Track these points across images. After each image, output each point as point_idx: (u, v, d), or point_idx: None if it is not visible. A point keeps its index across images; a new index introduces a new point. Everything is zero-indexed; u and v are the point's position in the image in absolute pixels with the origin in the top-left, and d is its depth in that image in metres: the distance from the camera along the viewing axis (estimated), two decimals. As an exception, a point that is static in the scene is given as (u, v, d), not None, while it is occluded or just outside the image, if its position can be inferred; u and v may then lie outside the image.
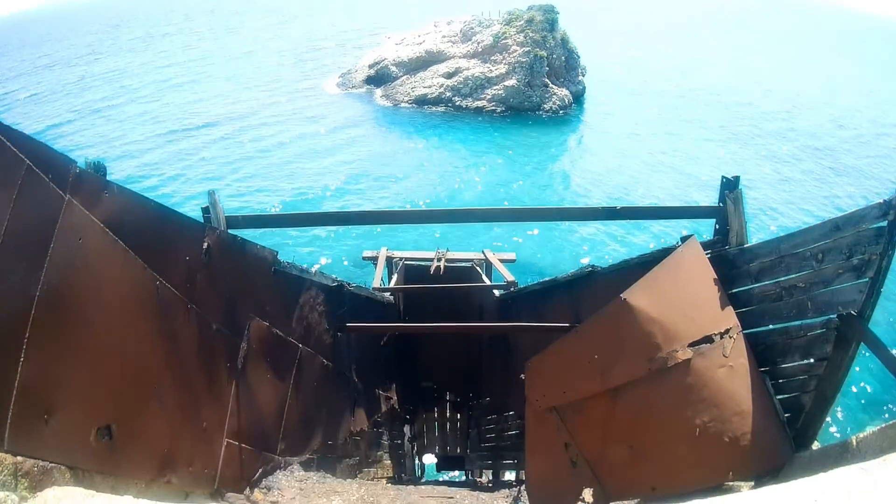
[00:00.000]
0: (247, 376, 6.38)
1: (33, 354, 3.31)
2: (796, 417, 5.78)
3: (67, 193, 3.64)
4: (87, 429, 3.78)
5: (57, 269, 3.51)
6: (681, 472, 5.70)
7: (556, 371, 6.70)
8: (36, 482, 3.23)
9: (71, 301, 3.66)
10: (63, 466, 3.49)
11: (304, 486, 7.23)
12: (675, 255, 6.14)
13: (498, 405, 13.75)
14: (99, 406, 3.93)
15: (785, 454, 5.63)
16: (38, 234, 3.43)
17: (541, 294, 10.78)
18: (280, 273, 7.21)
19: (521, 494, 8.32)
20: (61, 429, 3.52)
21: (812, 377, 5.66)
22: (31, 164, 3.34)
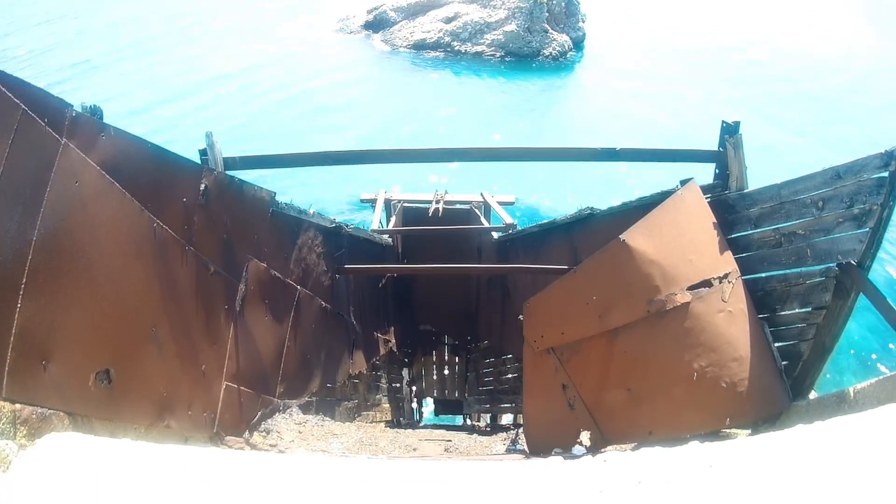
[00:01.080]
0: (245, 318, 6.37)
1: (31, 300, 3.28)
2: (794, 366, 5.76)
3: (63, 137, 3.59)
4: (85, 374, 3.77)
5: (54, 212, 3.47)
6: (678, 416, 5.70)
7: (553, 312, 6.69)
8: (34, 429, 3.22)
9: (68, 245, 3.64)
10: (62, 413, 3.48)
11: (303, 430, 7.27)
12: (674, 198, 6.09)
13: (496, 349, 13.80)
14: (97, 351, 3.92)
15: (782, 402, 5.62)
16: (35, 178, 3.38)
17: (539, 236, 10.76)
18: (278, 214, 7.17)
19: (518, 437, 8.38)
20: (60, 375, 3.52)
21: (811, 325, 5.63)
22: (27, 109, 3.29)
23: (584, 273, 6.38)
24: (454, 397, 16.16)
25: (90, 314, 3.84)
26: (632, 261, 5.80)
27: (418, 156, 8.21)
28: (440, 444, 8.59)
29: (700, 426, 5.60)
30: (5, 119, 3.17)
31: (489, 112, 40.04)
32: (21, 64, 45.53)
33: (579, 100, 43.84)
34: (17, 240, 3.23)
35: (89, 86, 41.12)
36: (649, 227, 5.88)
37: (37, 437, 3.20)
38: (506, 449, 7.72)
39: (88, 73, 45.06)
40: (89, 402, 3.80)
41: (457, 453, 7.71)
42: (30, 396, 3.26)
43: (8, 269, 3.17)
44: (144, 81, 43.24)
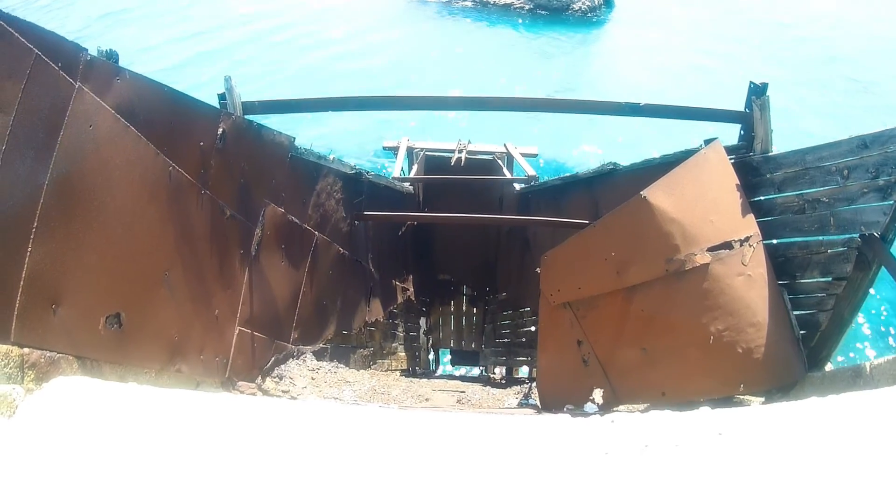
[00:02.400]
0: (260, 263, 6.36)
1: (41, 243, 3.27)
2: (811, 335, 5.69)
3: (78, 81, 3.53)
4: (95, 317, 3.77)
5: (67, 156, 3.44)
6: (692, 379, 5.66)
7: (571, 266, 6.59)
8: (42, 373, 3.22)
9: (81, 188, 3.60)
10: (71, 356, 3.49)
11: (316, 376, 7.29)
12: (698, 157, 5.96)
13: (514, 301, 13.76)
14: (108, 294, 3.92)
15: (798, 372, 5.56)
16: (48, 122, 3.34)
17: (561, 189, 10.64)
18: (297, 159, 7.11)
19: (531, 391, 8.37)
20: (69, 318, 3.51)
21: (830, 296, 5.53)
22: (40, 54, 3.24)
23: (604, 228, 6.27)
24: (470, 348, 16.19)
25: (102, 258, 3.82)
26: (652, 218, 5.68)
27: (442, 104, 8.14)
28: (453, 395, 8.59)
29: (713, 390, 5.56)
30: (18, 64, 3.13)
31: (515, 64, 39.49)
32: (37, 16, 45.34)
33: (608, 56, 43.08)
34: (29, 184, 3.21)
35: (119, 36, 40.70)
36: (671, 184, 5.76)
37: (45, 381, 3.20)
38: (518, 403, 7.71)
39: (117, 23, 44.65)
40: (99, 345, 3.80)
41: (469, 405, 7.72)
42: (39, 340, 3.26)
43: (19, 213, 3.16)
44: (163, 27, 42.80)
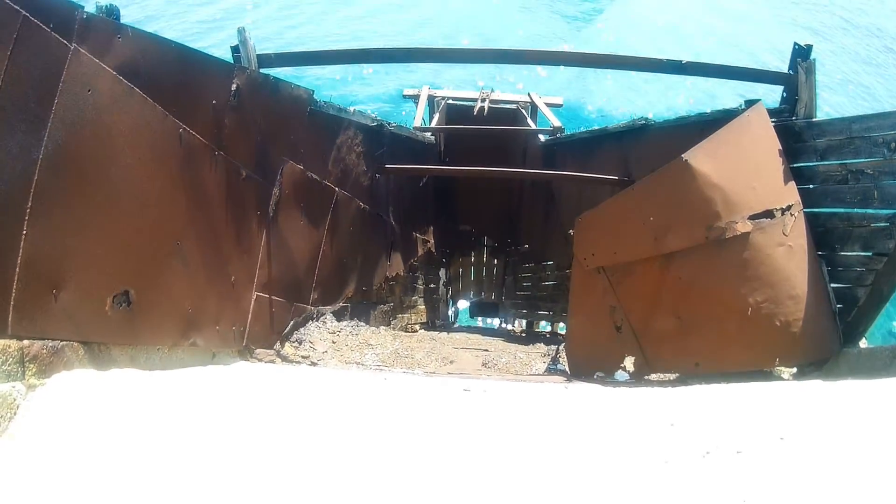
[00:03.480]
0: (279, 224, 6.15)
1: (38, 225, 3.01)
2: (848, 310, 5.47)
3: (73, 42, 3.24)
4: (101, 298, 3.54)
5: (63, 126, 3.16)
6: (727, 351, 5.48)
7: (607, 230, 6.34)
8: (45, 366, 3.01)
9: (80, 160, 3.34)
10: (76, 343, 3.27)
11: (337, 339, 7.11)
12: (740, 120, 5.67)
13: (536, 254, 13.58)
14: (115, 271, 3.69)
15: (833, 347, 5.37)
16: (40, 90, 3.05)
17: (588, 143, 10.33)
18: (316, 113, 6.85)
19: (559, 354, 8.18)
20: (73, 302, 3.28)
21: (870, 271, 5.31)
22: (28, 15, 2.92)
23: (642, 191, 6.01)
24: (491, 300, 16.05)
25: (106, 233, 3.59)
26: (693, 183, 5.43)
27: (468, 56, 7.82)
28: (477, 355, 8.41)
29: (748, 363, 5.40)
30: (2, 28, 2.82)
31: (547, 16, 38.48)
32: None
33: (635, 13, 41.69)
34: (21, 160, 2.93)
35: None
36: (713, 148, 5.49)
37: (47, 374, 3.01)
38: (546, 368, 7.51)
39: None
40: (106, 327, 3.59)
41: (495, 369, 7.52)
42: (40, 330, 3.04)
43: (10, 193, 2.89)
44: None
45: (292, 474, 2.63)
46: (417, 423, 3.47)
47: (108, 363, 3.49)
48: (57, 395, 2.90)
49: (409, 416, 3.62)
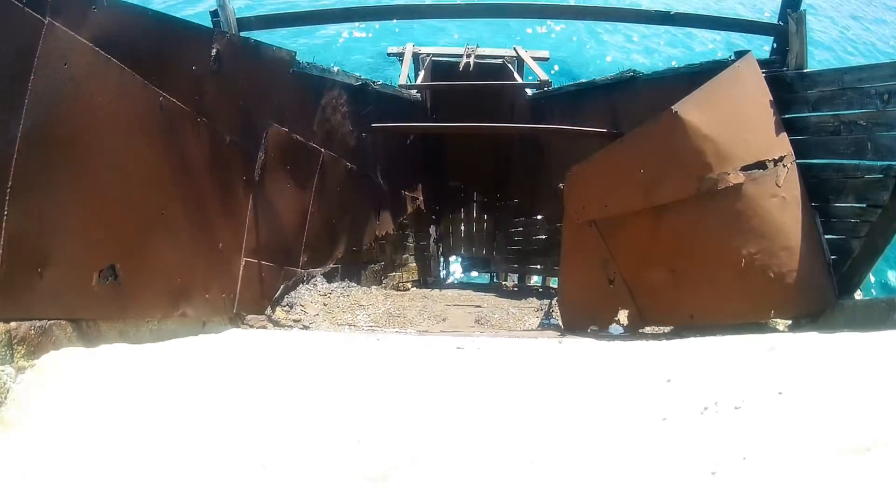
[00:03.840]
0: (265, 188, 6.09)
1: (19, 204, 2.95)
2: (842, 262, 5.44)
3: (47, 16, 3.14)
4: (88, 274, 3.50)
5: (41, 102, 3.08)
6: (722, 303, 5.44)
7: (597, 183, 6.30)
8: (34, 347, 2.96)
9: (60, 135, 3.27)
10: (63, 321, 3.22)
11: (328, 301, 7.09)
12: (731, 71, 5.59)
13: (526, 208, 13.52)
14: (100, 246, 3.63)
15: (828, 299, 5.34)
16: (15, 66, 2.97)
17: (576, 96, 10.19)
18: (299, 74, 6.76)
19: (552, 309, 8.17)
20: (59, 280, 3.24)
21: (864, 223, 5.26)
22: None
23: (632, 144, 5.95)
24: (482, 255, 16.03)
25: (90, 208, 3.53)
26: (684, 135, 5.36)
27: (452, 11, 7.64)
28: (469, 312, 8.41)
29: (743, 315, 5.35)
30: None
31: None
32: None
33: None
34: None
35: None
36: (704, 99, 5.42)
37: (38, 353, 2.97)
38: (539, 323, 7.51)
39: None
40: (94, 303, 3.54)
41: (488, 325, 7.52)
42: (26, 310, 2.99)
43: None
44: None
45: (286, 436, 2.62)
46: (412, 382, 3.45)
47: (97, 339, 3.44)
48: (47, 375, 2.86)
49: (403, 376, 3.60)
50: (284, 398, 3.04)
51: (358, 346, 4.52)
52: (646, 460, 2.44)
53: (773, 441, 2.45)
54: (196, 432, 2.63)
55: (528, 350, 4.50)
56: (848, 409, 2.58)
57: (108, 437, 2.55)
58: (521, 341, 5.11)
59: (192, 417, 2.76)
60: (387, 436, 2.66)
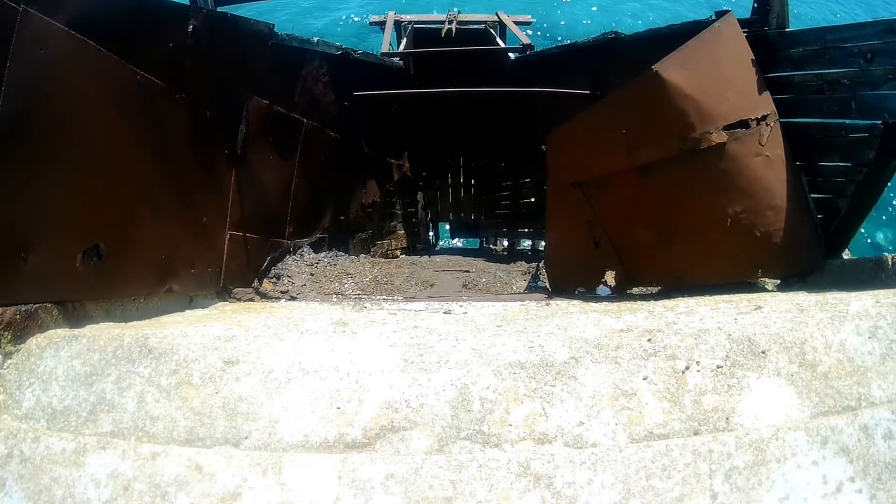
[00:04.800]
0: (248, 161, 6.07)
1: (1, 189, 2.98)
2: (830, 221, 5.49)
3: (22, 3, 3.13)
4: (71, 255, 3.50)
5: (17, 89, 3.08)
6: (708, 262, 5.46)
7: (579, 144, 6.26)
8: (20, 330, 2.99)
9: (39, 119, 3.28)
10: (49, 304, 3.24)
11: (315, 271, 7.09)
12: (711, 30, 5.56)
13: (513, 172, 13.54)
14: (83, 227, 3.64)
15: (816, 258, 5.38)
16: None
17: (559, 59, 10.19)
18: (278, 46, 6.71)
19: (539, 272, 8.19)
20: (42, 263, 3.25)
21: (850, 181, 5.31)
22: None
23: (613, 104, 5.93)
24: (471, 220, 16.02)
25: (72, 189, 3.53)
26: (665, 94, 5.33)
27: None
28: (458, 277, 8.41)
29: (730, 275, 5.37)
30: None
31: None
32: None
33: None
34: None
35: None
36: (684, 59, 5.38)
37: (24, 337, 2.99)
38: (527, 286, 7.52)
39: None
40: (79, 285, 3.56)
41: (476, 290, 7.53)
42: (11, 295, 3.02)
43: None
44: None
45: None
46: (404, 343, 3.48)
47: (82, 320, 3.47)
48: (33, 359, 2.87)
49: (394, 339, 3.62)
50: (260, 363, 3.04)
51: (344, 314, 4.54)
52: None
53: (757, 401, 2.49)
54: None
55: (514, 311, 4.53)
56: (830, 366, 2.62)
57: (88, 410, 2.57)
58: (508, 304, 5.13)
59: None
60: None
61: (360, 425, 2.60)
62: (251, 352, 2.99)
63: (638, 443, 2.48)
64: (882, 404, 2.51)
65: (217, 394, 2.75)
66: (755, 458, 2.35)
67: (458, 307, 4.68)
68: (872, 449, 2.35)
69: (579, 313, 4.20)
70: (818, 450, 2.34)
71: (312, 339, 3.41)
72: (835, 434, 2.37)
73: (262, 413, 2.67)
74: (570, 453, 2.42)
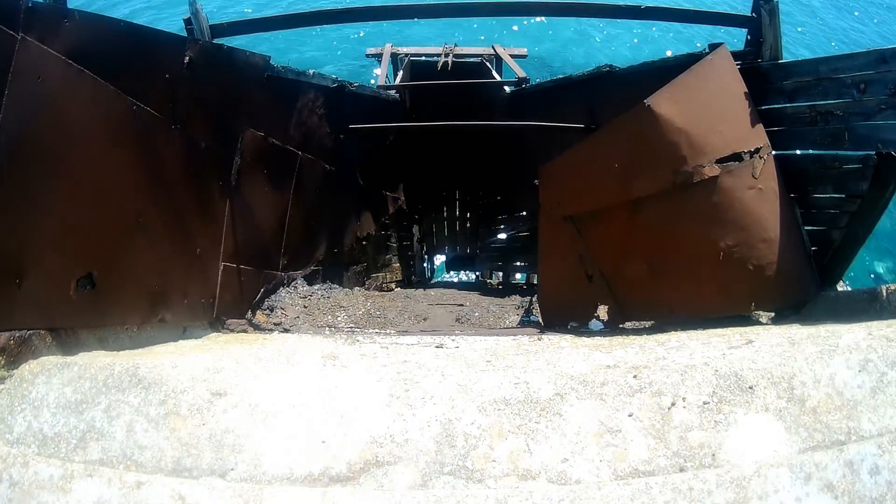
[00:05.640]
0: (242, 192, 6.09)
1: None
2: (823, 253, 5.52)
3: (20, 32, 3.18)
4: (65, 283, 3.52)
5: (15, 117, 3.12)
6: (701, 296, 5.46)
7: (572, 178, 6.29)
8: (13, 356, 3.00)
9: (35, 148, 3.31)
10: (42, 331, 3.24)
11: (309, 303, 7.09)
12: (704, 63, 5.60)
13: (508, 205, 13.59)
14: (77, 255, 3.66)
15: (810, 290, 5.39)
16: None
17: (554, 92, 10.25)
18: (274, 79, 6.75)
19: (532, 306, 8.19)
20: (36, 289, 3.26)
21: (844, 213, 5.34)
22: None
23: (606, 138, 5.97)
24: (466, 253, 16.03)
25: (66, 217, 3.55)
26: (657, 128, 5.36)
27: (424, 11, 7.62)
28: (451, 311, 8.41)
29: (724, 308, 5.38)
30: None
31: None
32: None
33: None
34: None
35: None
36: (677, 92, 5.42)
37: (17, 363, 3.00)
38: (520, 320, 7.52)
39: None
40: (72, 312, 3.56)
41: (468, 324, 7.53)
42: (5, 321, 3.03)
43: None
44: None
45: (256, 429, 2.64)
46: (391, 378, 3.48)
47: (76, 347, 3.47)
48: (26, 385, 2.87)
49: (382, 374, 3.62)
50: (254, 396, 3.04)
51: (334, 348, 4.54)
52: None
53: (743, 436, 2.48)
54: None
55: (505, 347, 4.53)
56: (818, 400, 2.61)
57: (79, 439, 2.57)
58: (500, 339, 5.12)
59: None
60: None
61: (344, 459, 2.60)
62: (239, 384, 2.99)
63: (619, 480, 2.47)
64: (870, 438, 2.50)
65: (204, 425, 2.75)
66: (736, 496, 2.34)
67: (450, 341, 4.68)
68: (858, 485, 2.34)
69: (570, 348, 4.20)
70: (801, 486, 2.34)
71: (301, 372, 3.41)
72: (819, 470, 2.37)
73: (248, 445, 2.67)
74: (550, 490, 2.42)
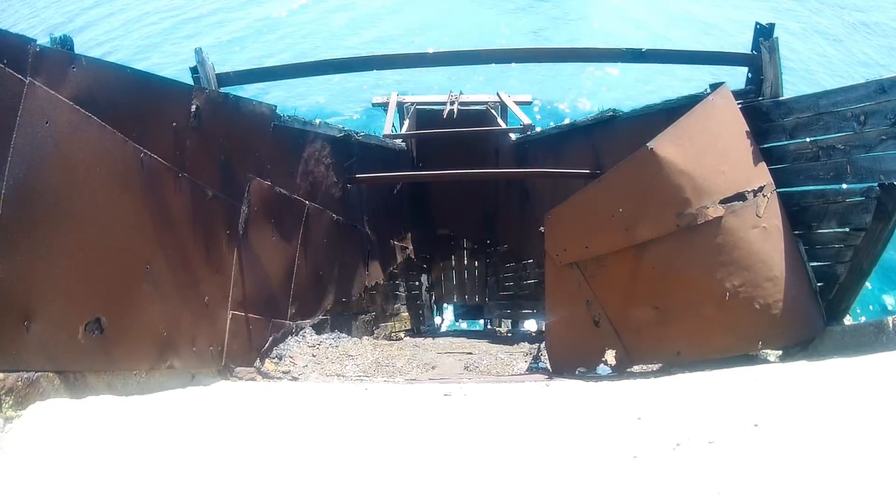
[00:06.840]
0: (249, 241, 6.13)
1: (4, 259, 3.02)
2: (829, 288, 5.52)
3: (28, 76, 3.23)
4: (73, 327, 3.52)
5: (23, 160, 3.16)
6: (708, 337, 5.46)
7: (577, 224, 6.30)
8: (21, 397, 3.00)
9: (43, 192, 3.34)
10: (51, 373, 3.25)
11: (317, 352, 7.08)
12: (705, 104, 5.67)
13: (516, 253, 13.60)
14: (85, 299, 3.67)
15: (817, 326, 5.39)
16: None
17: (559, 138, 10.37)
18: (280, 128, 6.83)
19: (540, 353, 8.16)
20: (45, 332, 3.27)
21: (848, 247, 5.36)
22: None
23: (609, 183, 6.01)
24: (474, 302, 16.02)
25: (74, 262, 3.57)
26: (660, 171, 5.42)
27: (428, 60, 7.75)
28: (459, 359, 8.38)
29: (731, 348, 5.40)
30: None
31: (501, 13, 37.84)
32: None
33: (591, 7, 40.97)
34: None
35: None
36: (679, 134, 5.48)
37: (24, 404, 2.99)
38: (528, 367, 7.49)
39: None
40: (80, 356, 3.57)
41: (476, 372, 7.50)
42: (13, 362, 3.03)
43: None
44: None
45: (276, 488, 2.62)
46: (400, 429, 3.46)
47: (84, 391, 3.47)
48: (34, 426, 2.87)
49: (391, 424, 3.61)
50: (268, 452, 3.04)
51: (346, 396, 4.53)
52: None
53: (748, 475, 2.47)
54: (181, 488, 2.63)
55: (513, 395, 4.52)
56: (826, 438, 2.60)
57: (88, 487, 2.56)
58: (507, 386, 5.11)
59: (176, 472, 2.76)
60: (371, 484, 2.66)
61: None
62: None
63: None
64: None
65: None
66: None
67: (458, 389, 4.66)
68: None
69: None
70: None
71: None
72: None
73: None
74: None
